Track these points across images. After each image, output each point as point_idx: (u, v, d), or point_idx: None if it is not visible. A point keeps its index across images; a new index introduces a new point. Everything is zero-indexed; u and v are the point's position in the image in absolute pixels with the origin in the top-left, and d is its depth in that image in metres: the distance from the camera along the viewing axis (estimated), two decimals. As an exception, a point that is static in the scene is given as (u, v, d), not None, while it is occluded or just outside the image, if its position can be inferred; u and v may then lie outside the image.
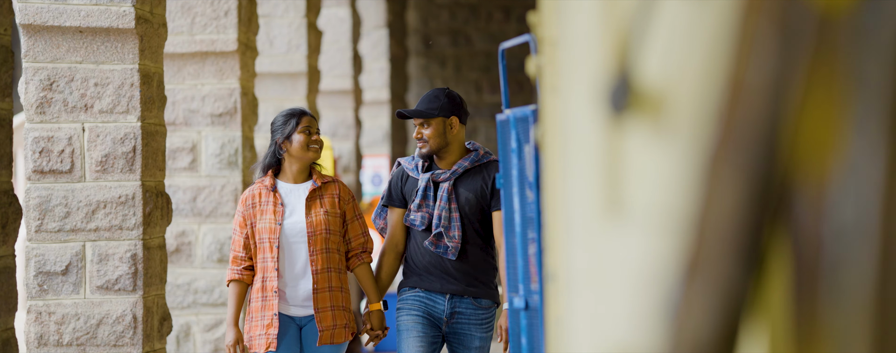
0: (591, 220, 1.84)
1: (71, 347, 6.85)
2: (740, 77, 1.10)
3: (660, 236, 1.66)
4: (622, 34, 1.78)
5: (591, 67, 1.85)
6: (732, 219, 1.09)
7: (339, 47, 12.98)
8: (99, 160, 6.83)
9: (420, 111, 5.87)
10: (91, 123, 6.83)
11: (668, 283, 1.20)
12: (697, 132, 1.48)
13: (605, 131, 1.80)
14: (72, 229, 6.83)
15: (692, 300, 1.10)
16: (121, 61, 6.82)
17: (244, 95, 8.82)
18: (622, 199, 1.77)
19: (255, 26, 9.14)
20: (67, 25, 6.76)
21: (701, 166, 1.17)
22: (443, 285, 5.88)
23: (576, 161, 1.91)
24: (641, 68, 1.73)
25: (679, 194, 1.63)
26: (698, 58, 1.64)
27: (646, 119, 1.72)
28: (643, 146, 1.73)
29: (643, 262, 1.70)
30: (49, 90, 6.80)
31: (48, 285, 6.83)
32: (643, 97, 1.71)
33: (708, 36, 1.62)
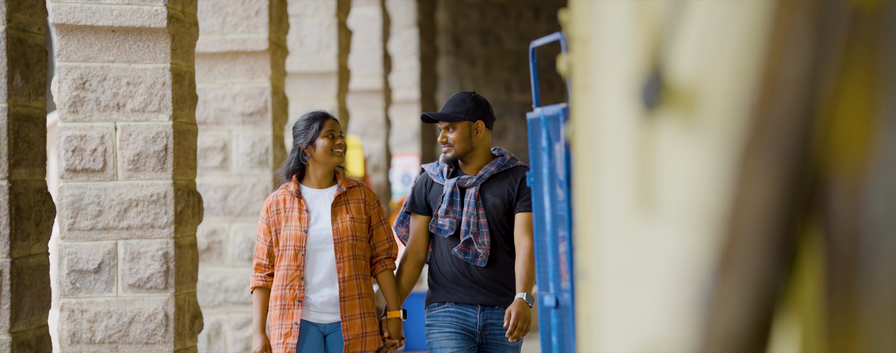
0: (624, 216, 1.84)
1: (103, 345, 6.89)
2: (774, 70, 1.10)
3: (692, 232, 1.66)
4: (654, 30, 1.79)
5: (623, 63, 1.85)
6: (765, 212, 1.09)
7: (368, 47, 13.01)
8: (131, 159, 6.87)
9: (445, 115, 5.75)
10: (123, 122, 6.87)
11: (700, 276, 1.20)
12: (730, 127, 1.48)
13: (637, 128, 1.80)
14: (104, 227, 6.87)
15: (725, 293, 1.10)
16: (153, 61, 6.86)
17: (275, 95, 8.85)
18: (655, 195, 1.78)
19: (285, 26, 9.17)
20: (100, 25, 6.80)
21: (734, 159, 1.17)
22: (472, 297, 5.74)
23: (608, 158, 1.92)
24: (673, 65, 1.73)
25: (712, 190, 1.63)
26: (731, 53, 1.64)
27: (678, 115, 1.72)
28: (675, 142, 1.73)
29: (676, 258, 1.70)
30: (82, 89, 6.84)
31: (81, 283, 6.87)
32: (675, 93, 1.71)
33: (740, 31, 1.62)
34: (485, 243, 5.68)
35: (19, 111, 5.06)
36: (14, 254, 5.01)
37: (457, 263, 5.72)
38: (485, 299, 5.72)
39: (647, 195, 1.78)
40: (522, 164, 5.83)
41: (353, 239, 5.61)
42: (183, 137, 7.05)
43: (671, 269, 1.71)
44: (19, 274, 5.05)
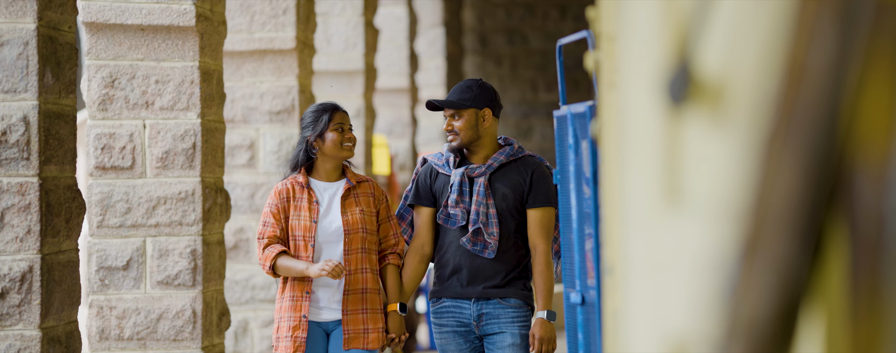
0: (650, 210, 1.86)
1: (131, 341, 6.94)
2: (800, 61, 1.12)
3: (719, 224, 1.68)
4: (681, 25, 1.80)
5: (651, 58, 1.87)
6: (791, 201, 1.10)
7: (395, 46, 13.04)
8: (159, 157, 6.91)
9: (451, 102, 5.56)
10: (152, 120, 6.92)
11: (726, 264, 1.22)
12: (756, 119, 1.50)
13: (663, 122, 1.82)
14: (133, 224, 6.92)
15: (750, 281, 1.12)
16: (181, 59, 6.90)
17: (302, 93, 8.89)
18: (681, 189, 1.79)
19: (312, 24, 9.21)
20: (129, 23, 6.84)
21: (760, 149, 1.18)
22: (465, 289, 5.57)
23: (635, 152, 1.93)
24: (700, 59, 1.74)
25: (739, 182, 1.65)
26: (757, 47, 1.66)
27: (705, 109, 1.74)
28: (702, 136, 1.75)
29: (702, 251, 1.72)
30: (111, 87, 6.89)
31: (109, 279, 6.92)
32: (702, 88, 1.73)
33: (766, 25, 1.64)
34: (494, 233, 5.53)
35: (50, 109, 5.11)
36: (44, 250, 5.05)
37: (460, 254, 5.57)
38: (479, 292, 5.56)
39: (674, 189, 1.80)
40: (531, 154, 5.68)
41: (363, 232, 5.47)
42: (211, 135, 7.09)
43: (698, 262, 1.73)
44: (50, 271, 5.09)
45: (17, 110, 5.00)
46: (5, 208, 5.01)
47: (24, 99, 5.01)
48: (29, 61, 5.00)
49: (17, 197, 5.01)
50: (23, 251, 5.02)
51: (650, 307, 1.90)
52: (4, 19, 4.99)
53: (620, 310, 2.12)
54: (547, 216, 5.58)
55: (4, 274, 5.01)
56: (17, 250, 5.02)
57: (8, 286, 5.01)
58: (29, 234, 5.02)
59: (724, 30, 1.73)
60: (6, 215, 5.01)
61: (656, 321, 1.88)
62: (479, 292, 5.55)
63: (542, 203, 5.56)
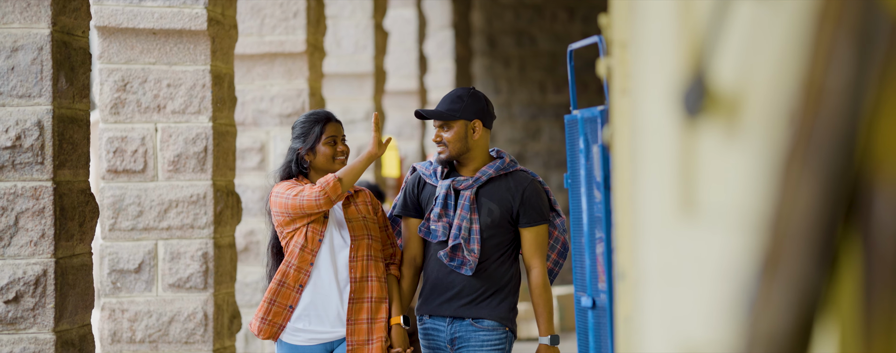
0: (666, 219, 1.88)
1: (143, 344, 6.97)
2: (818, 81, 1.15)
3: (735, 235, 1.70)
4: (697, 38, 1.83)
5: (666, 69, 1.89)
6: (809, 217, 1.13)
7: (404, 48, 13.07)
8: (171, 160, 6.95)
9: (440, 112, 5.28)
10: (164, 124, 6.95)
11: (744, 279, 1.24)
12: (772, 134, 1.52)
13: (678, 133, 1.84)
14: (144, 227, 6.95)
15: (768, 296, 1.14)
16: (193, 63, 6.93)
17: (312, 96, 8.92)
18: (696, 199, 1.82)
19: (322, 27, 9.24)
20: (141, 27, 6.88)
21: (777, 166, 1.21)
22: (441, 307, 5.32)
23: (649, 162, 1.96)
24: (716, 72, 1.77)
25: (754, 195, 1.67)
26: (771, 61, 1.68)
27: (720, 121, 1.76)
28: (717, 148, 1.77)
29: (718, 261, 1.74)
30: (123, 91, 6.92)
31: (121, 282, 6.96)
32: (717, 100, 1.75)
33: (781, 39, 1.67)
34: (474, 250, 5.26)
35: (64, 113, 5.14)
36: (58, 254, 5.09)
37: (439, 268, 5.32)
38: (454, 311, 5.30)
39: (689, 199, 1.83)
40: (523, 169, 5.41)
41: (368, 238, 5.28)
42: (222, 138, 7.12)
43: (713, 272, 1.76)
44: (63, 274, 5.12)
45: (31, 115, 5.04)
46: (20, 212, 5.04)
47: (38, 104, 5.04)
48: (43, 66, 5.03)
49: (31, 201, 5.04)
50: (37, 255, 5.05)
51: (666, 313, 1.92)
52: (19, 24, 5.03)
53: (634, 316, 2.15)
54: (541, 235, 5.36)
55: (19, 278, 5.04)
56: (31, 253, 5.05)
57: (22, 290, 5.04)
58: (43, 238, 5.05)
59: (738, 43, 1.75)
60: (20, 219, 5.04)
61: (671, 329, 1.90)
62: (454, 310, 5.31)
63: (536, 221, 5.33)
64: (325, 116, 5.30)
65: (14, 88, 5.04)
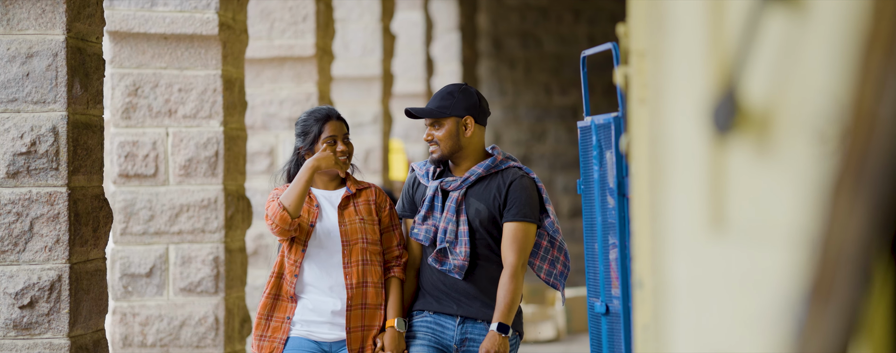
0: (695, 234, 1.90)
1: (154, 348, 6.99)
2: (868, 108, 1.16)
3: (766, 252, 1.71)
4: (727, 53, 1.84)
5: (695, 85, 1.91)
6: (859, 245, 1.14)
7: (411, 51, 13.09)
8: (182, 165, 6.97)
9: (429, 110, 5.06)
10: (175, 128, 6.97)
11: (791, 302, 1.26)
12: (810, 154, 1.54)
13: (708, 149, 1.86)
14: (156, 231, 6.97)
15: (818, 322, 1.15)
16: (204, 67, 6.95)
17: (321, 100, 8.93)
18: (726, 215, 1.83)
19: (331, 31, 9.26)
20: (153, 32, 6.90)
21: (827, 192, 1.22)
22: (451, 307, 5.11)
23: (678, 176, 1.97)
24: (746, 88, 1.78)
25: (786, 212, 1.69)
26: (803, 77, 1.69)
27: (750, 138, 1.77)
28: (747, 164, 1.79)
29: (747, 277, 1.76)
30: (134, 96, 6.94)
31: (133, 286, 6.98)
32: (748, 117, 1.76)
33: (813, 56, 1.68)
34: (462, 253, 5.04)
35: (78, 119, 5.16)
36: (73, 260, 5.11)
37: (433, 270, 5.13)
38: (465, 311, 5.11)
39: (719, 215, 1.84)
40: (516, 165, 5.17)
41: (363, 242, 5.05)
42: (233, 142, 7.14)
43: (743, 288, 1.77)
44: (78, 280, 5.14)
45: (46, 121, 5.06)
46: (34, 217, 5.06)
47: (53, 110, 5.06)
48: (58, 72, 5.05)
49: (46, 207, 5.06)
50: (52, 261, 5.07)
51: (694, 328, 1.94)
52: (34, 31, 5.05)
53: (662, 327, 2.16)
54: (522, 231, 5.07)
55: (34, 283, 5.06)
56: (46, 259, 5.07)
57: (37, 295, 5.06)
58: (58, 243, 5.07)
59: (769, 59, 1.76)
60: (35, 225, 5.06)
61: (700, 341, 1.92)
62: (464, 311, 5.10)
63: (517, 217, 5.06)
64: (325, 115, 5.07)
65: (29, 94, 5.06)
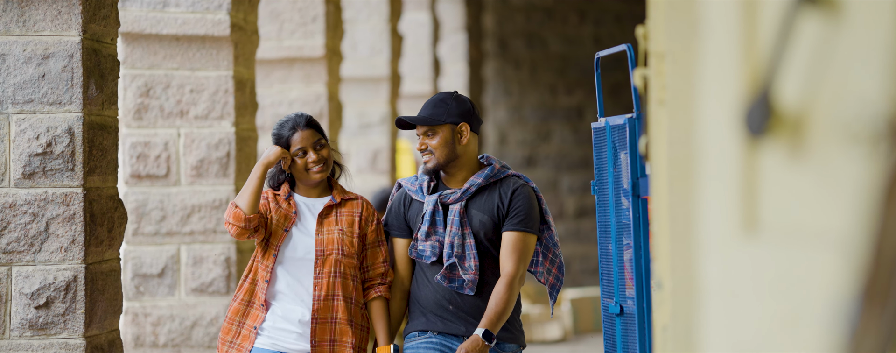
0: (727, 236, 1.91)
1: (166, 348, 7.01)
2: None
3: (799, 253, 1.73)
4: (761, 57, 1.86)
5: (727, 87, 1.92)
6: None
7: (418, 51, 13.11)
8: (194, 165, 6.98)
9: (423, 118, 4.88)
10: (187, 129, 6.99)
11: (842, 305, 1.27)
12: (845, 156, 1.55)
13: (741, 151, 1.87)
14: (167, 232, 6.99)
15: (871, 325, 1.17)
16: (216, 68, 6.97)
17: (330, 100, 8.95)
18: (759, 217, 1.85)
19: (340, 32, 9.28)
20: (165, 33, 6.92)
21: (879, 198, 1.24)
22: (459, 327, 4.88)
23: (709, 179, 1.99)
24: (780, 91, 1.80)
25: (820, 214, 1.70)
26: (837, 80, 1.71)
27: (783, 141, 1.79)
28: (780, 167, 1.80)
29: (782, 278, 1.77)
30: (146, 96, 6.96)
31: (145, 287, 7.00)
32: (781, 120, 1.78)
33: (847, 58, 1.70)
34: (472, 267, 4.85)
35: (94, 120, 5.18)
36: (88, 260, 5.13)
37: (441, 289, 4.89)
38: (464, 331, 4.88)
39: (751, 217, 1.86)
40: (514, 173, 5.00)
41: (339, 254, 4.83)
42: (244, 143, 7.16)
43: (777, 289, 1.79)
44: (93, 280, 5.16)
45: (61, 122, 5.08)
46: (50, 218, 5.08)
47: (68, 111, 5.08)
48: (74, 74, 5.07)
49: (61, 207, 5.08)
50: (67, 261, 5.09)
51: (726, 328, 1.96)
52: (50, 32, 5.07)
53: (694, 329, 2.18)
54: (522, 241, 4.88)
55: (50, 283, 5.08)
56: (61, 259, 5.09)
57: (53, 295, 5.08)
58: (73, 244, 5.09)
59: (803, 62, 1.78)
60: (51, 225, 5.08)
61: (733, 342, 1.94)
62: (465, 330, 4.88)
63: (518, 227, 4.87)
64: (293, 125, 4.87)
65: (45, 95, 5.08)
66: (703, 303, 2.06)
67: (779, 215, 1.81)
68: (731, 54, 1.92)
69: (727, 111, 1.92)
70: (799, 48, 1.79)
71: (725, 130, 1.93)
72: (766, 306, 1.83)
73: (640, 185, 4.78)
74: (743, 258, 1.88)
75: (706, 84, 2.05)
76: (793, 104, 1.79)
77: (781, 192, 1.81)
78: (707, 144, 2.01)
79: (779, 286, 1.80)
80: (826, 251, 1.68)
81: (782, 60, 1.78)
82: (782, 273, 1.79)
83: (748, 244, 1.86)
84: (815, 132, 1.75)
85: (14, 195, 5.08)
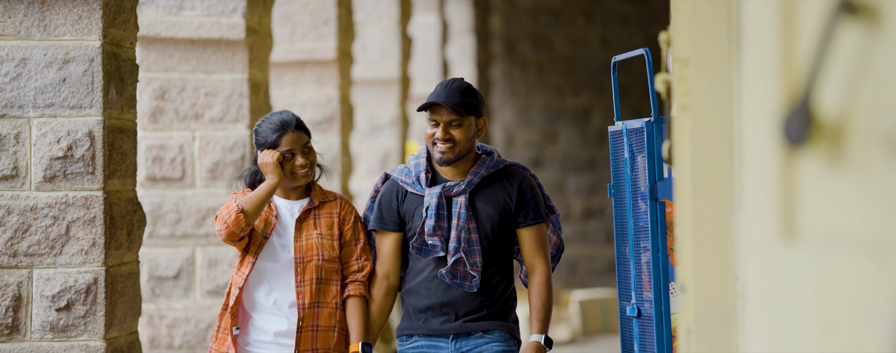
0: (765, 242, 1.94)
1: (181, 350, 7.04)
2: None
3: (838, 259, 1.76)
4: (799, 66, 1.89)
5: (766, 96, 1.95)
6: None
7: (427, 53, 13.13)
8: (209, 168, 7.02)
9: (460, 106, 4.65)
10: (201, 132, 7.02)
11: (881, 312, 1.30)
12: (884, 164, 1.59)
13: (780, 160, 1.90)
14: (183, 234, 7.02)
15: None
16: (231, 71, 7.00)
17: (342, 103, 8.98)
18: (797, 225, 1.88)
19: (351, 34, 9.31)
20: (180, 37, 6.95)
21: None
22: (443, 326, 4.73)
23: (749, 186, 2.02)
24: (819, 100, 1.83)
25: (858, 221, 1.74)
26: (876, 89, 1.74)
27: (822, 150, 1.82)
28: (819, 175, 1.83)
29: (821, 284, 1.81)
30: (161, 99, 7.00)
31: (160, 289, 7.03)
32: (820, 128, 1.81)
33: (886, 68, 1.73)
34: (477, 263, 4.69)
35: (114, 124, 5.22)
36: (108, 263, 5.16)
37: (435, 285, 4.73)
38: (458, 327, 4.73)
39: (790, 224, 1.89)
40: (513, 162, 4.84)
41: (319, 259, 4.71)
42: (259, 146, 7.19)
43: (816, 293, 1.82)
44: (113, 282, 5.20)
45: (82, 126, 5.11)
46: (71, 221, 5.11)
47: (89, 115, 5.11)
48: (94, 78, 5.10)
49: (82, 210, 5.11)
50: (88, 264, 5.12)
51: (763, 332, 1.99)
52: (71, 37, 5.10)
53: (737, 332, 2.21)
54: (542, 233, 4.78)
55: (70, 286, 5.11)
56: (82, 262, 5.12)
57: (73, 298, 5.12)
58: (94, 246, 5.12)
59: (842, 71, 1.81)
60: (72, 228, 5.11)
61: (770, 346, 1.97)
62: (458, 326, 4.73)
63: (535, 220, 4.75)
64: (281, 126, 4.71)
65: (65, 99, 5.11)
66: (740, 307, 2.10)
67: (817, 222, 1.84)
68: (770, 63, 1.95)
69: (765, 119, 1.96)
70: (838, 57, 1.82)
71: (763, 139, 1.96)
72: (804, 311, 1.87)
73: (657, 188, 4.80)
74: (781, 264, 1.91)
75: (743, 92, 2.08)
76: (832, 113, 1.82)
77: (820, 200, 1.84)
78: (744, 151, 2.04)
79: (817, 292, 1.83)
80: (864, 259, 1.71)
81: (822, 69, 1.81)
82: (821, 280, 1.82)
83: (787, 251, 1.89)
84: (854, 141, 1.78)
85: (35, 198, 5.11)
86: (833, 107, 1.82)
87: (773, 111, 1.92)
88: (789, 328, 1.91)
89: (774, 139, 1.91)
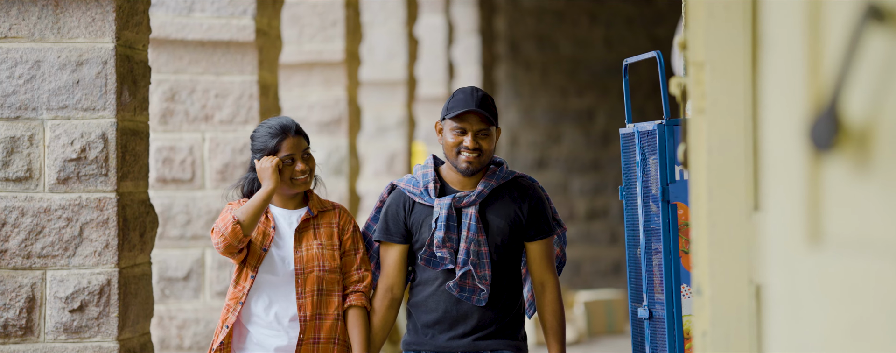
0: (791, 247, 1.96)
1: (191, 351, 7.06)
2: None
3: (864, 264, 1.78)
4: (826, 71, 1.90)
5: (792, 102, 1.97)
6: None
7: (433, 55, 13.16)
8: (219, 169, 7.04)
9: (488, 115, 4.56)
10: (211, 133, 7.04)
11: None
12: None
13: (806, 165, 1.92)
14: (192, 236, 7.04)
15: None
16: (240, 73, 7.02)
17: (350, 104, 9.00)
18: (824, 230, 1.89)
19: (359, 36, 9.33)
20: (190, 39, 6.97)
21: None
22: (450, 342, 4.64)
23: (774, 191, 2.03)
24: (846, 106, 1.84)
25: (887, 226, 1.75)
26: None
27: (849, 155, 1.84)
28: (846, 181, 1.85)
29: (847, 288, 1.82)
30: (171, 101, 7.02)
31: (170, 290, 7.05)
32: (847, 134, 1.83)
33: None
34: (487, 276, 4.60)
35: (127, 126, 5.24)
36: (121, 264, 5.18)
37: (444, 298, 4.63)
38: (466, 345, 4.63)
39: (816, 230, 1.90)
40: (522, 174, 4.76)
41: (320, 270, 4.62)
42: (268, 147, 7.21)
43: (842, 298, 1.84)
44: (126, 284, 5.22)
45: (95, 128, 5.13)
46: (84, 222, 5.13)
47: (102, 117, 5.13)
48: (107, 80, 5.13)
49: (95, 212, 5.13)
50: (101, 265, 5.14)
51: (789, 336, 2.00)
52: (84, 39, 5.12)
53: (761, 338, 2.23)
54: (550, 247, 4.75)
55: (84, 287, 5.13)
56: (95, 263, 5.14)
57: (87, 299, 5.14)
58: (107, 248, 5.14)
59: (869, 76, 1.83)
60: (85, 230, 5.13)
61: (796, 350, 1.98)
62: (467, 345, 4.63)
63: (545, 234, 4.71)
64: (281, 130, 4.61)
65: (79, 102, 5.13)
66: (759, 311, 2.11)
67: (844, 227, 1.86)
68: (795, 69, 1.96)
69: (790, 124, 1.97)
70: (865, 63, 1.83)
71: (788, 143, 1.98)
72: (830, 316, 1.88)
73: (669, 190, 4.82)
74: (806, 269, 1.93)
75: (765, 96, 2.09)
76: (858, 119, 1.84)
77: (847, 205, 1.86)
78: (767, 155, 2.06)
79: (843, 297, 1.85)
80: (892, 263, 1.73)
81: (849, 75, 1.83)
82: (847, 284, 1.83)
83: (812, 255, 1.91)
84: (881, 147, 1.80)
85: (49, 200, 5.13)
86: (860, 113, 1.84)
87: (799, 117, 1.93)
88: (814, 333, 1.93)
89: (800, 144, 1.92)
